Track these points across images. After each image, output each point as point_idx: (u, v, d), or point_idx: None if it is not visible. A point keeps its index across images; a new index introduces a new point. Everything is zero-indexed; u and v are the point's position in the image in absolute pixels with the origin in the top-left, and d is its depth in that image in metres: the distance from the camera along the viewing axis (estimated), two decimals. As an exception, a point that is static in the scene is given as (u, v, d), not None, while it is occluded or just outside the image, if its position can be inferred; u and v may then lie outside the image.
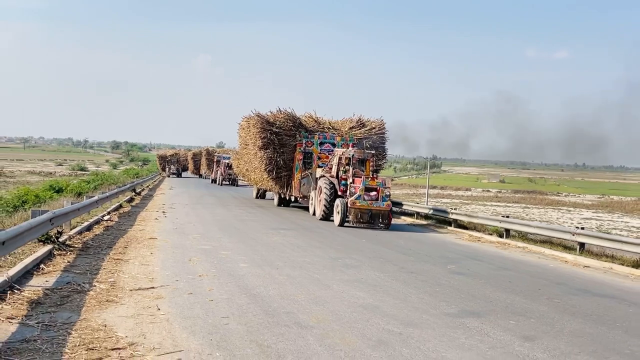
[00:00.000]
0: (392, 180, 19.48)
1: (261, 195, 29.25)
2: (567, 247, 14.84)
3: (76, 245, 11.18)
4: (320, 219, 19.14)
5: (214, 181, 48.03)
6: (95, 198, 16.59)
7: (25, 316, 6.24)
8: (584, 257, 13.57)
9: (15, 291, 7.13)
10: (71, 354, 5.16)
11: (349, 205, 17.60)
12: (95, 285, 7.91)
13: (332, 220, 18.55)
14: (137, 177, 48.23)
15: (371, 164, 20.24)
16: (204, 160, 59.82)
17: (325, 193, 18.98)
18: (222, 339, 5.85)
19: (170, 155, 65.11)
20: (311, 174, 21.67)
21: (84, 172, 77.16)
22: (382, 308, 7.61)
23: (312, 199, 20.99)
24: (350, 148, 20.35)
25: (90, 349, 5.30)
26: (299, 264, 10.67)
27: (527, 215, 43.84)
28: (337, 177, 19.26)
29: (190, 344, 5.67)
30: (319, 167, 21.16)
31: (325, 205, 18.99)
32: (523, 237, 16.55)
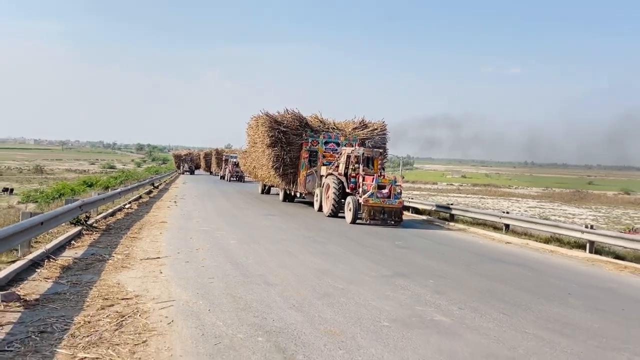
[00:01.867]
0: (403, 177, 17.83)
1: (266, 191, 27.44)
2: (497, 228, 15.63)
3: (101, 227, 11.89)
4: (328, 216, 17.09)
5: (222, 178, 46.98)
6: (118, 190, 17.28)
7: (58, 277, 6.98)
8: (508, 236, 14.37)
9: (51, 260, 7.86)
10: (90, 301, 5.91)
11: (362, 203, 15.52)
12: (113, 256, 8.64)
13: (341, 218, 16.68)
14: (156, 173, 48.67)
15: (379, 162, 18.30)
16: (214, 159, 59.61)
17: (334, 190, 16.95)
18: (206, 293, 6.61)
19: (184, 155, 64.84)
20: (316, 171, 20.03)
21: (112, 170, 77.45)
22: (334, 271, 8.38)
23: (316, 195, 19.20)
24: (357, 147, 18.56)
25: (105, 299, 6.06)
26: (277, 241, 11.40)
27: (482, 204, 44.75)
28: (345, 175, 17.28)
29: (181, 295, 6.43)
30: (324, 165, 19.59)
31: (333, 203, 17.00)
32: (483, 223, 16.70)
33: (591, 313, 6.70)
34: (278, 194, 24.55)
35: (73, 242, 9.69)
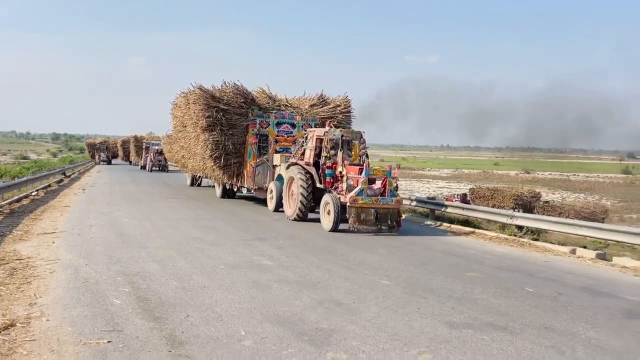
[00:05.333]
0: (399, 166, 13.70)
1: (198, 183, 24.14)
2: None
3: (5, 211, 13.15)
4: (295, 220, 13.34)
5: (143, 167, 44.68)
6: (24, 179, 18.24)
7: (-38, 248, 8.47)
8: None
9: (-44, 236, 9.28)
10: (-11, 262, 7.53)
11: (348, 203, 11.69)
12: (13, 232, 10.12)
13: (312, 222, 13.04)
14: (71, 163, 48.21)
15: (360, 147, 13.88)
16: (132, 147, 57.31)
17: (302, 186, 13.15)
18: (87, 254, 8.35)
19: (99, 143, 61.87)
20: (268, 160, 16.44)
21: (26, 160, 74.78)
22: (205, 238, 10.29)
23: (270, 192, 15.58)
24: (330, 127, 14.11)
25: (2, 259, 7.67)
26: (169, 219, 13.12)
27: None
28: (315, 164, 13.56)
29: (66, 256, 8.14)
30: (277, 152, 16.28)
31: (302, 203, 13.16)
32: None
33: (385, 257, 9.07)
34: (212, 186, 21.36)
35: (-23, 223, 11.02)
